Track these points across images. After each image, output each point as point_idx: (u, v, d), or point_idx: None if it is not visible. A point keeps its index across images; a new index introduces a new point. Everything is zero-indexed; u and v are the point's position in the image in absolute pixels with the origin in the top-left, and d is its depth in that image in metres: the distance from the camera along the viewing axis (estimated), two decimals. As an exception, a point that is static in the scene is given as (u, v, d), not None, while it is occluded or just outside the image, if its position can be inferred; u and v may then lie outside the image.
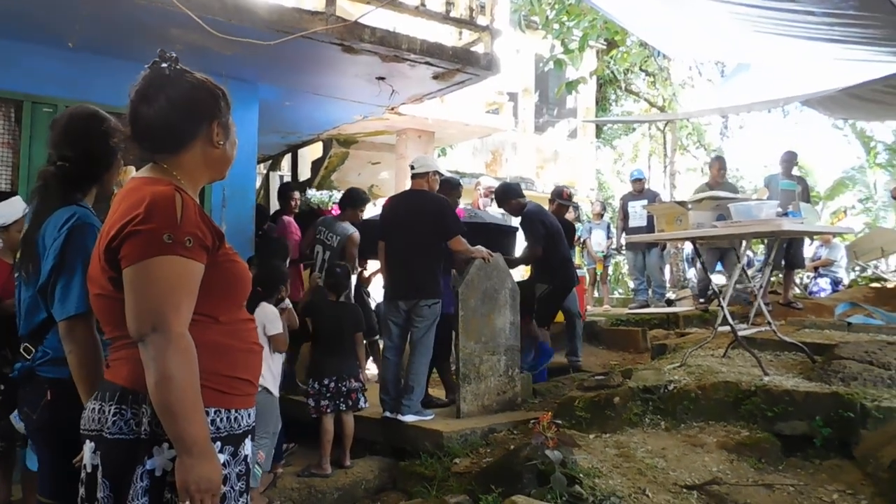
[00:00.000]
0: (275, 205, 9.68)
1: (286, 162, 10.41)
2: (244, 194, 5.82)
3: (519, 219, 5.99)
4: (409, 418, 4.59)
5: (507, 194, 6.03)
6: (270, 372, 3.93)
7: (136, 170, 1.67)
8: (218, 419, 1.50)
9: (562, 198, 6.90)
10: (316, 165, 9.95)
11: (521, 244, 6.21)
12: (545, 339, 5.94)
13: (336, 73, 5.78)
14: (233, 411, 1.54)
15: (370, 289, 6.66)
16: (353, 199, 5.85)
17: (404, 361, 4.85)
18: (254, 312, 3.94)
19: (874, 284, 8.61)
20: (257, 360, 1.68)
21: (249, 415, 1.62)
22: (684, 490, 3.05)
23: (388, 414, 4.71)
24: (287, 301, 4.46)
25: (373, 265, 6.24)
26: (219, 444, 1.49)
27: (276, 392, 4.05)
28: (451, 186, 5.60)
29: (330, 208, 8.02)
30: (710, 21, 5.35)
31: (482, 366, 4.82)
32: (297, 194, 7.08)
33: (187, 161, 1.61)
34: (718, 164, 7.77)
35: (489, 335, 4.88)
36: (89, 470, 1.50)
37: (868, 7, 4.07)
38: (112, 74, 4.55)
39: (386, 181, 10.06)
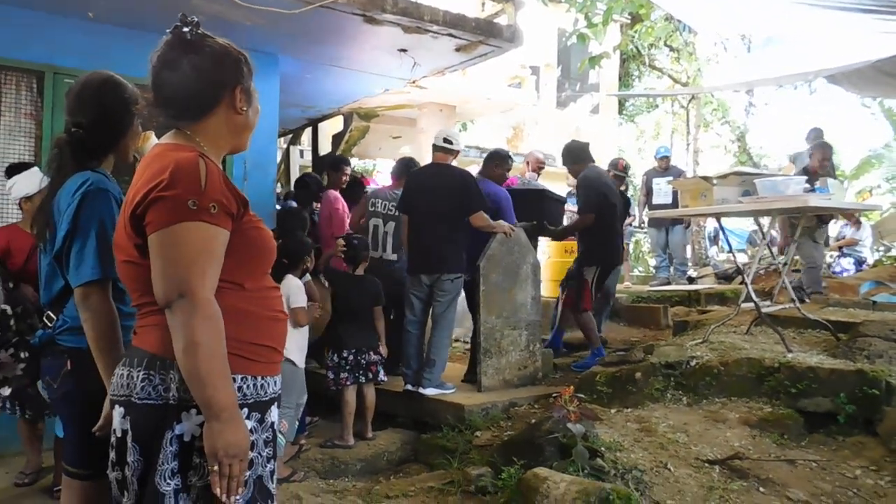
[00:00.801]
0: (294, 179, 9.72)
1: (306, 136, 10.40)
2: (265, 168, 5.81)
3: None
4: (430, 391, 4.62)
5: (569, 159, 5.80)
6: (295, 343, 3.95)
7: (159, 137, 1.66)
8: (244, 386, 1.51)
9: (617, 169, 6.76)
10: (336, 139, 9.93)
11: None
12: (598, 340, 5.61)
13: (357, 44, 5.73)
14: (259, 378, 1.55)
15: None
16: (410, 168, 5.57)
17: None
18: (279, 283, 3.99)
19: (899, 264, 8.49)
20: (282, 328, 1.68)
21: (275, 382, 1.62)
22: (706, 464, 3.05)
23: (409, 387, 4.74)
24: (308, 274, 4.49)
25: None
26: (245, 410, 1.49)
27: (301, 364, 4.08)
28: (501, 158, 5.53)
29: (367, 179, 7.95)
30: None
31: (503, 340, 4.84)
32: (347, 168, 6.56)
33: (211, 127, 1.60)
34: (822, 152, 6.89)
35: (510, 310, 4.89)
36: (119, 434, 1.50)
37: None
38: (133, 45, 4.57)
39: (407, 155, 10.03)
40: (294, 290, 4.01)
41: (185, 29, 1.56)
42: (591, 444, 3.08)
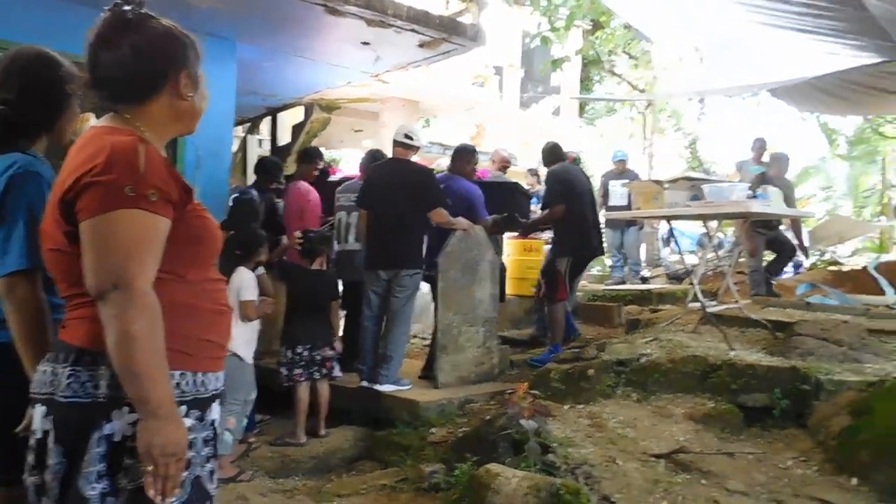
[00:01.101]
0: (252, 169, 9.58)
1: (265, 125, 10.26)
2: (220, 156, 5.68)
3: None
4: (386, 388, 4.62)
5: (553, 154, 5.91)
6: (242, 337, 3.89)
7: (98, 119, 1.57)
8: (183, 382, 1.45)
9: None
10: (296, 130, 9.81)
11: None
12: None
13: (319, 35, 5.67)
14: (199, 374, 1.49)
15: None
16: (377, 160, 5.53)
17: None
18: (230, 276, 3.92)
19: (832, 268, 8.90)
20: (226, 322, 1.62)
21: (217, 378, 1.56)
22: (652, 458, 3.16)
23: (364, 383, 4.74)
24: (261, 268, 4.44)
25: None
26: (184, 408, 1.43)
27: (249, 359, 4.03)
28: (469, 153, 5.57)
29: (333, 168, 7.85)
30: (688, 5, 5.42)
31: (460, 337, 4.89)
32: (321, 161, 6.30)
33: (153, 112, 1.51)
34: (779, 164, 7.46)
35: (468, 307, 4.95)
36: (39, 435, 1.40)
37: (837, 0, 4.18)
38: (75, 21, 4.41)
39: (374, 147, 10.01)
40: (245, 282, 3.96)
41: (127, 7, 1.47)
42: (544, 439, 3.16)
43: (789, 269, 9.84)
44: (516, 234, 6.86)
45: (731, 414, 3.61)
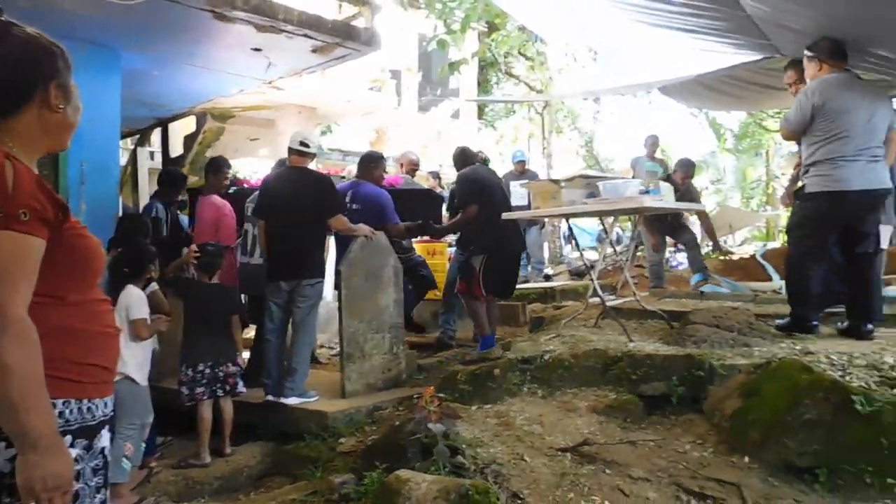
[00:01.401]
0: (145, 184, 9.17)
1: (156, 136, 9.88)
2: (107, 171, 5.45)
3: None
4: (292, 401, 4.53)
5: (464, 157, 5.98)
6: (134, 359, 3.75)
7: None
8: (67, 410, 1.39)
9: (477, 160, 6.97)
10: (189, 141, 9.49)
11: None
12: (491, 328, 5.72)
13: (209, 42, 5.51)
14: (85, 401, 1.43)
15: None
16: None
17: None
18: (119, 295, 3.77)
19: (723, 258, 9.41)
20: (113, 344, 1.56)
21: (106, 404, 1.50)
22: (559, 453, 3.21)
23: (270, 398, 4.62)
24: (154, 284, 4.28)
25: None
26: (69, 437, 1.37)
27: (143, 381, 3.86)
28: (375, 160, 5.54)
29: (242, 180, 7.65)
30: (581, 6, 5.59)
31: (367, 345, 4.84)
32: (229, 171, 6.11)
33: (20, 126, 1.43)
34: (685, 170, 7.92)
35: (373, 314, 4.90)
36: None
37: (715, 1, 4.40)
38: None
39: (265, 158, 9.78)
40: (135, 300, 3.80)
41: None
42: (452, 442, 3.15)
43: (684, 260, 10.35)
44: (426, 237, 6.88)
45: (632, 404, 3.70)
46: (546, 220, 9.64)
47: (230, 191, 6.18)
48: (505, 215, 5.27)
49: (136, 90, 6.23)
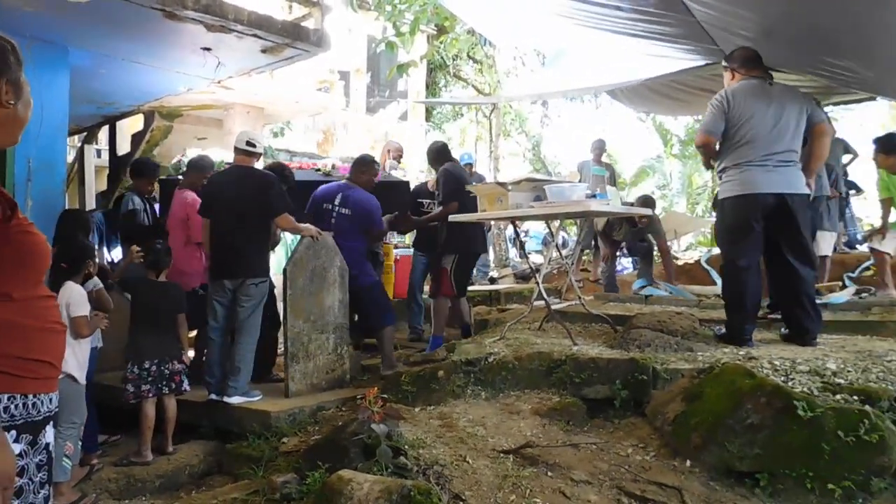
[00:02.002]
0: (91, 181, 8.94)
1: (103, 134, 9.66)
2: (53, 168, 5.34)
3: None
4: (235, 400, 4.50)
5: (434, 158, 6.07)
6: (75, 357, 3.70)
7: None
8: (12, 406, 1.39)
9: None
10: (136, 139, 9.30)
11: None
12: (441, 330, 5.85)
13: (158, 40, 5.44)
14: (30, 396, 1.43)
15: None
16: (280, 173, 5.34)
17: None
18: (58, 292, 3.68)
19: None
20: (59, 341, 1.56)
21: (51, 400, 1.51)
22: (501, 455, 3.25)
23: (213, 396, 4.58)
24: (97, 280, 4.20)
25: None
26: (14, 432, 1.37)
27: (82, 379, 3.81)
28: (367, 164, 5.53)
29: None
30: (530, 10, 5.66)
31: (311, 345, 4.82)
32: (211, 171, 5.79)
33: None
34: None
35: (318, 314, 4.88)
36: None
37: (665, 6, 4.51)
38: None
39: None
40: (75, 297, 3.73)
41: None
42: (395, 442, 3.16)
43: (629, 264, 10.59)
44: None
45: (575, 407, 3.74)
46: (492, 222, 9.73)
47: None
48: (451, 217, 5.31)
49: (84, 87, 6.12)
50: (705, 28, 4.79)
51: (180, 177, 5.91)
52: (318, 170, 6.65)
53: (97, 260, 4.29)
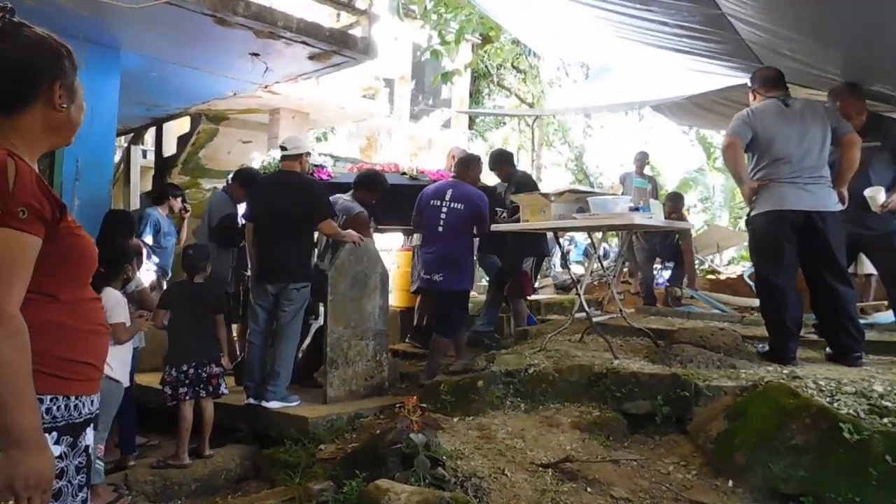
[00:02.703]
0: (136, 181, 9.14)
1: (150, 136, 9.88)
2: (101, 168, 5.47)
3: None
4: (273, 405, 4.52)
5: (499, 161, 6.24)
6: (118, 360, 3.70)
7: None
8: (55, 407, 1.39)
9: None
10: (182, 141, 9.50)
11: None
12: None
13: (207, 45, 5.54)
14: (73, 398, 1.43)
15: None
16: (372, 183, 5.49)
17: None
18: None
19: (710, 276, 9.44)
20: (103, 342, 1.57)
21: (92, 402, 1.51)
22: (540, 468, 3.20)
23: (251, 400, 4.61)
24: (139, 279, 4.25)
25: None
26: (55, 434, 1.37)
27: (125, 381, 3.84)
28: (473, 161, 5.69)
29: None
30: (575, 23, 5.63)
31: (350, 351, 4.83)
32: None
33: (24, 124, 1.45)
34: (673, 203, 8.05)
35: (358, 320, 4.89)
36: None
37: (710, 24, 4.45)
38: None
39: (257, 161, 9.77)
40: (111, 303, 3.71)
41: None
42: (433, 453, 3.14)
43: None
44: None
45: (615, 421, 3.68)
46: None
47: None
48: (494, 227, 5.29)
49: (133, 90, 6.26)
50: (750, 46, 4.71)
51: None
52: (405, 173, 6.70)
53: (137, 263, 4.32)
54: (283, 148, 4.90)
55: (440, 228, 5.16)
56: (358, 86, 9.63)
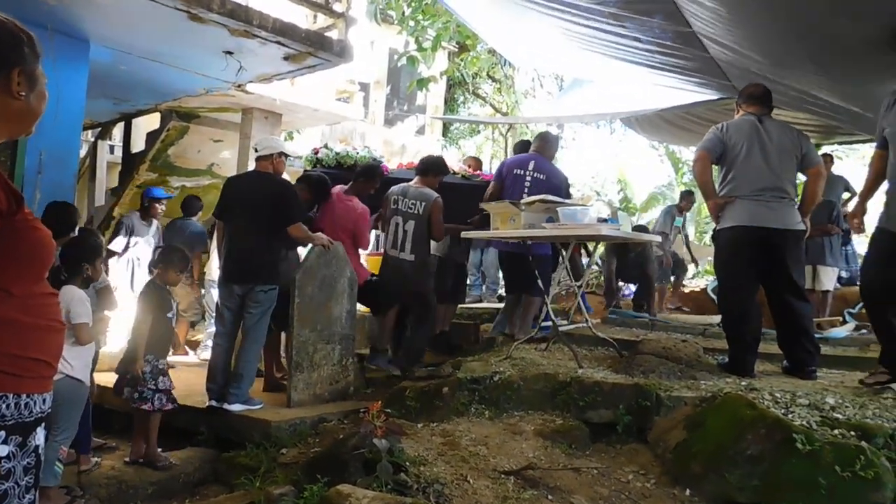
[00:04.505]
0: (102, 176, 8.97)
1: (118, 131, 9.71)
2: (65, 162, 5.32)
3: None
4: (236, 408, 4.46)
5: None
6: (80, 359, 3.57)
7: None
8: (4, 405, 1.34)
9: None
10: (151, 137, 9.35)
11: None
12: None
13: (180, 41, 5.46)
14: (23, 396, 1.38)
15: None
16: (438, 167, 5.75)
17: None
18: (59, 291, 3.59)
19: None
20: (57, 339, 1.51)
21: (44, 400, 1.46)
22: (502, 476, 3.21)
23: (213, 403, 4.54)
24: (105, 278, 4.13)
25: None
26: (3, 433, 1.33)
27: (87, 380, 3.70)
28: (552, 139, 5.80)
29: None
30: (549, 36, 5.70)
31: (316, 354, 4.79)
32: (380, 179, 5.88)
33: None
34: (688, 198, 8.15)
35: (325, 323, 4.86)
36: None
37: (682, 41, 4.55)
38: None
39: (227, 160, 9.66)
40: (75, 302, 3.53)
41: None
42: (396, 458, 3.13)
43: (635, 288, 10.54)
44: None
45: (578, 430, 3.72)
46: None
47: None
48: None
49: (102, 83, 6.15)
50: (719, 64, 4.83)
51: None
52: (456, 173, 6.85)
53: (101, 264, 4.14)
54: (255, 149, 4.86)
55: (525, 195, 5.30)
56: (333, 88, 9.59)
